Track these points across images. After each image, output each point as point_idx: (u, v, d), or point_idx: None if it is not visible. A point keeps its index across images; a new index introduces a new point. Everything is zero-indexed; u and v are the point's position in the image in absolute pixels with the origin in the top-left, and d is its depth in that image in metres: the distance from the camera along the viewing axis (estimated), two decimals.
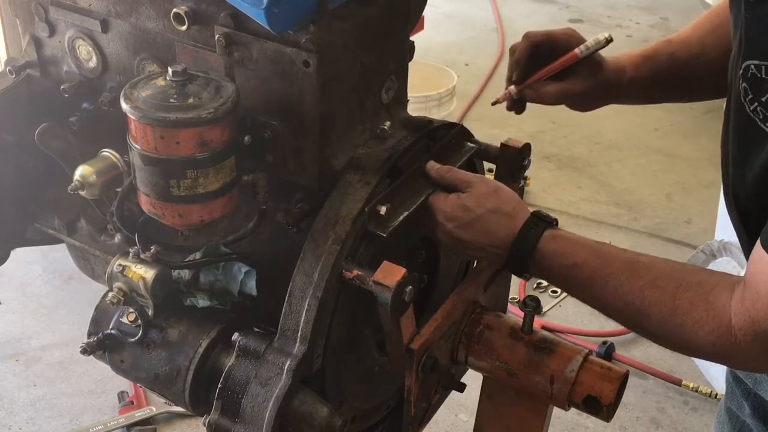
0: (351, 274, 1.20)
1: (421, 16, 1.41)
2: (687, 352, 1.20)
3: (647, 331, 1.18)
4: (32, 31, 1.48)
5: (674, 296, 1.14)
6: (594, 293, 1.21)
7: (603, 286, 1.19)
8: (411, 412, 1.31)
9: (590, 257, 1.21)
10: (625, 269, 1.19)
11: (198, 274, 1.30)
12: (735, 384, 1.53)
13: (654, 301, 1.15)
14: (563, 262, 1.22)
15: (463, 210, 1.27)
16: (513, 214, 1.25)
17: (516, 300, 3.14)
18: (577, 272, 1.21)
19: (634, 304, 1.16)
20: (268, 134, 1.26)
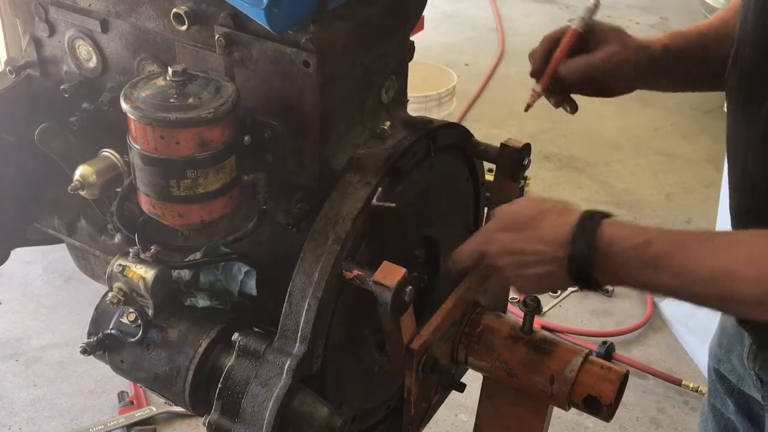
0: (351, 274, 1.20)
1: (421, 16, 1.41)
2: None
3: (740, 295, 1.07)
4: (32, 31, 1.48)
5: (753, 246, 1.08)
6: (674, 267, 1.10)
7: (684, 255, 1.10)
8: (411, 412, 1.31)
9: (661, 233, 1.14)
10: (703, 237, 1.13)
11: (198, 274, 1.30)
12: (719, 381, 1.53)
13: (747, 255, 1.07)
14: (633, 241, 1.13)
15: (512, 216, 1.22)
16: (565, 212, 1.19)
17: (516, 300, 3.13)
18: (651, 249, 1.12)
19: (722, 267, 1.08)
20: (268, 134, 1.26)
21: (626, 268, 1.13)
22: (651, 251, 1.11)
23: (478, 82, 4.97)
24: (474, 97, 4.82)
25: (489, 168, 1.50)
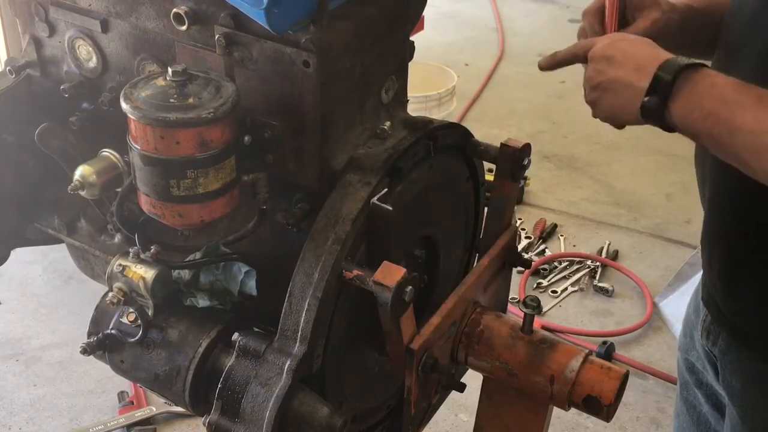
0: (351, 274, 1.20)
1: (421, 16, 1.41)
2: None
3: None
4: (32, 31, 1.48)
5: None
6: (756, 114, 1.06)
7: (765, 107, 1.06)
8: (411, 412, 1.31)
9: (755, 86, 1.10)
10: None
11: (198, 274, 1.30)
12: (688, 373, 1.54)
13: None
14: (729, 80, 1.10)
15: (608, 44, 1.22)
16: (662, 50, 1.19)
17: (516, 300, 3.14)
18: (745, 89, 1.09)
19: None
20: (268, 134, 1.26)
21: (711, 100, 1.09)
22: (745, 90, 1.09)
23: (478, 82, 4.97)
24: (474, 97, 4.82)
25: (489, 168, 1.50)
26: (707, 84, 1.11)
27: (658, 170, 4.21)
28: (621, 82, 1.17)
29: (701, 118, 1.10)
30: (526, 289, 3.38)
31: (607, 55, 1.20)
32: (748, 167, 1.08)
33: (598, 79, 1.21)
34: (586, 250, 3.64)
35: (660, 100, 1.12)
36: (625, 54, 1.19)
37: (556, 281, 3.47)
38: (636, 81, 1.15)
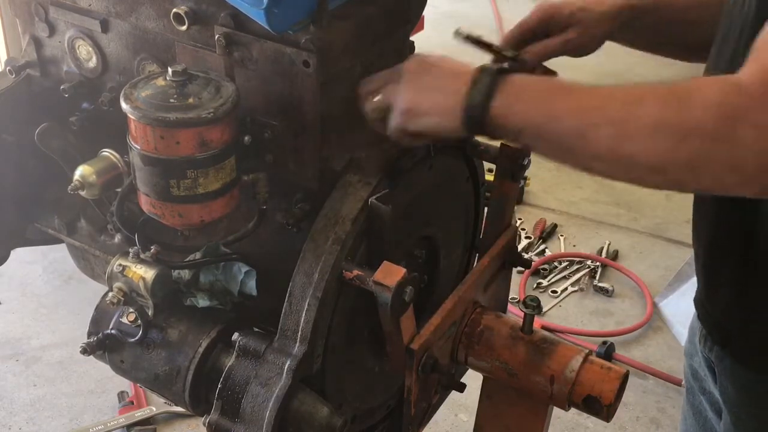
0: (351, 274, 1.20)
1: (421, 16, 1.41)
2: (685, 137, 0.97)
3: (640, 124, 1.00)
4: (32, 31, 1.48)
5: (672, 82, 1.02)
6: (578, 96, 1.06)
7: (587, 91, 1.06)
8: (411, 412, 1.31)
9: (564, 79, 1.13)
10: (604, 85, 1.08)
11: (198, 274, 1.30)
12: (693, 379, 1.54)
13: (649, 88, 1.02)
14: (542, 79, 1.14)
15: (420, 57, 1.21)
16: None
17: (516, 300, 3.14)
18: (554, 84, 1.11)
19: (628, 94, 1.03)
20: (268, 134, 1.26)
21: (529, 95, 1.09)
22: (559, 83, 1.11)
23: None
24: None
25: (489, 168, 1.50)
26: (522, 82, 1.11)
27: None
28: (443, 87, 1.15)
29: (522, 112, 1.09)
30: (526, 289, 3.38)
31: (424, 66, 1.19)
32: (573, 153, 1.06)
33: (417, 86, 1.18)
34: (586, 250, 3.65)
35: (482, 99, 1.11)
36: (441, 64, 1.18)
37: (556, 281, 3.47)
38: (458, 85, 1.13)
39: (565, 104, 1.05)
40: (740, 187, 0.99)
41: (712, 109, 0.95)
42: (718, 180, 0.99)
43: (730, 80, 0.97)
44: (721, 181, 0.98)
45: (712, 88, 0.97)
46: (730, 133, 0.94)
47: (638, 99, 1.01)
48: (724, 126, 0.94)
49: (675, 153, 0.97)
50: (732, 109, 0.94)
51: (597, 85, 1.07)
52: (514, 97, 1.09)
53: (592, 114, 1.03)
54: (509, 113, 1.09)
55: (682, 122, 0.96)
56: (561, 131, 1.05)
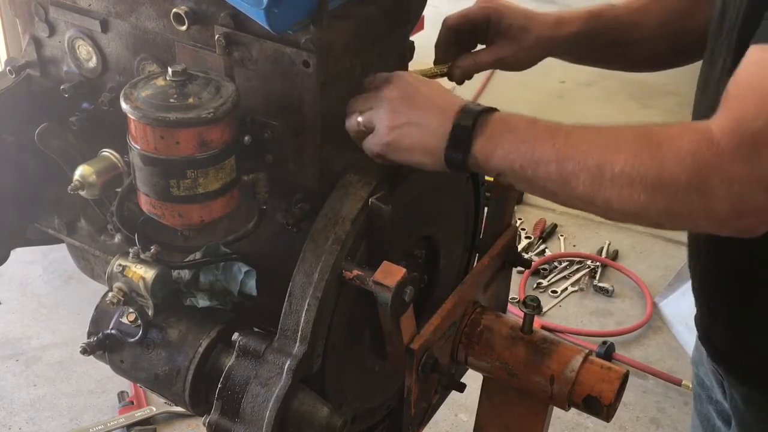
0: (351, 274, 1.20)
1: (421, 16, 1.41)
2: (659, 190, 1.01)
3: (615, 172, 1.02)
4: (32, 31, 1.48)
5: (647, 126, 1.06)
6: (557, 143, 1.07)
7: (568, 132, 1.08)
8: (411, 412, 1.31)
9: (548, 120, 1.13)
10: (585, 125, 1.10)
11: (198, 274, 1.30)
12: (700, 388, 1.54)
13: (626, 133, 1.05)
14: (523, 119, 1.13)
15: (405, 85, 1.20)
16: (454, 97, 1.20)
17: (516, 300, 3.14)
18: (539, 125, 1.11)
19: (604, 140, 1.05)
20: (268, 134, 1.26)
21: (509, 138, 1.11)
22: (539, 126, 1.11)
23: (478, 82, 4.97)
24: (474, 97, 4.82)
25: None
26: (503, 124, 1.13)
27: None
28: (425, 125, 1.16)
29: (503, 156, 1.11)
30: (526, 289, 3.38)
31: (407, 95, 1.19)
32: (556, 197, 1.10)
33: (399, 120, 1.18)
34: (586, 250, 3.65)
35: (463, 143, 1.13)
36: (425, 97, 1.18)
37: (556, 281, 3.47)
38: (440, 125, 1.15)
39: (546, 150, 1.08)
40: (716, 230, 1.03)
41: (686, 161, 0.98)
42: (693, 224, 1.07)
43: (703, 131, 0.99)
44: (696, 225, 1.05)
45: (685, 139, 0.99)
46: (703, 185, 0.98)
47: (615, 148, 1.03)
48: (697, 178, 0.98)
49: (650, 203, 1.01)
50: (704, 163, 0.97)
51: (575, 126, 1.09)
52: (496, 140, 1.12)
53: (571, 161, 1.05)
54: (490, 157, 1.12)
55: (656, 175, 1.00)
56: (542, 177, 1.09)
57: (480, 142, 1.12)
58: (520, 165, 1.09)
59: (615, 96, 4.84)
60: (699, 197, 0.99)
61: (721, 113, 0.99)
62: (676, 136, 1.00)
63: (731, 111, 0.98)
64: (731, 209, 0.98)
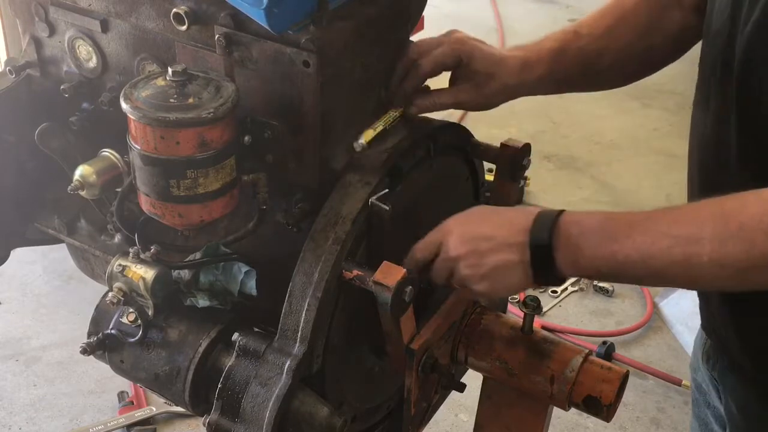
0: (351, 274, 1.20)
1: (421, 16, 1.41)
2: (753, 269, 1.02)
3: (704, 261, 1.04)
4: (32, 31, 1.48)
5: (721, 206, 1.04)
6: (636, 242, 1.07)
7: (644, 228, 1.08)
8: (411, 412, 1.31)
9: (617, 212, 1.13)
10: (660, 209, 1.11)
11: (198, 274, 1.30)
12: (698, 392, 1.53)
13: (702, 218, 1.05)
14: (595, 218, 1.12)
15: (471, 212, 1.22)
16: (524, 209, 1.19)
17: (516, 300, 3.14)
18: (613, 223, 1.10)
19: (684, 232, 1.05)
20: (268, 134, 1.26)
21: (588, 245, 1.11)
22: (613, 225, 1.11)
23: None
24: None
25: (489, 168, 1.50)
26: (577, 231, 1.12)
27: (658, 170, 4.21)
28: (504, 266, 1.16)
29: (587, 265, 1.12)
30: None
31: (471, 249, 1.18)
32: (658, 285, 1.15)
33: (480, 271, 1.17)
34: None
35: (548, 264, 1.13)
36: (486, 237, 1.17)
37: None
38: (517, 257, 1.14)
39: (628, 252, 1.08)
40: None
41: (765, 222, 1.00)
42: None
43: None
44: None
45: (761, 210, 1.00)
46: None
47: (697, 238, 1.04)
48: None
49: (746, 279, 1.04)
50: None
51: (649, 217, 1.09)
52: (574, 254, 1.11)
53: (657, 260, 1.06)
54: (575, 267, 1.12)
55: (747, 257, 1.01)
56: (630, 275, 1.11)
57: (561, 259, 1.12)
58: (608, 269, 1.10)
59: (615, 95, 4.83)
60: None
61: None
62: (756, 214, 1.01)
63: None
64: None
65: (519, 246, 1.14)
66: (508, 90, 1.40)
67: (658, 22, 1.42)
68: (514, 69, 1.39)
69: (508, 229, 1.16)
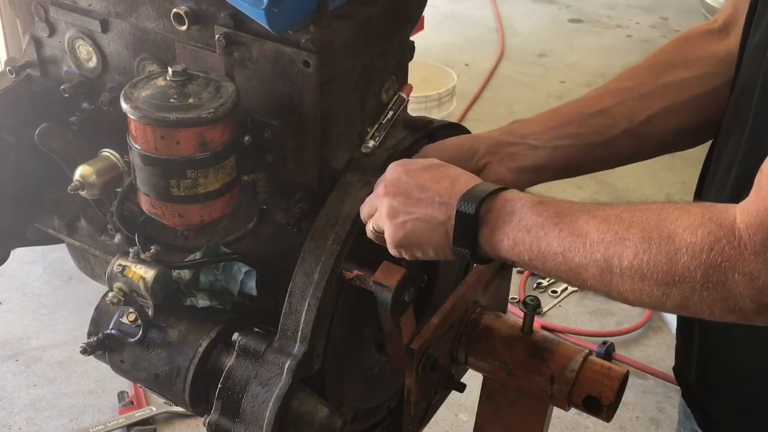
0: (351, 274, 1.20)
1: (421, 16, 1.41)
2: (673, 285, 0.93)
3: (624, 266, 0.95)
4: (32, 31, 1.48)
5: (659, 212, 0.95)
6: (562, 232, 1.01)
7: (573, 220, 1.01)
8: (411, 412, 1.31)
9: (559, 199, 1.07)
10: (600, 204, 1.04)
11: (198, 274, 1.30)
12: (685, 418, 1.52)
13: (635, 220, 0.96)
14: (530, 201, 1.06)
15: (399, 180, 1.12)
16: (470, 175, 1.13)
17: (516, 300, 3.14)
18: (543, 209, 1.04)
19: (611, 231, 0.97)
20: (268, 134, 1.26)
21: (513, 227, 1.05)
22: (543, 210, 1.04)
23: (478, 82, 4.98)
24: (474, 97, 4.82)
25: None
26: (507, 212, 1.06)
27: (658, 170, 4.21)
28: (428, 219, 1.10)
29: (510, 247, 1.05)
30: (526, 289, 3.38)
31: (402, 192, 1.12)
32: (568, 282, 1.05)
33: (401, 218, 1.11)
34: None
35: (468, 236, 1.07)
36: (423, 187, 1.11)
37: (556, 281, 3.47)
38: (443, 217, 1.08)
39: (551, 242, 1.02)
40: (743, 321, 0.93)
41: (701, 257, 0.90)
42: (716, 317, 0.95)
43: (723, 223, 0.90)
44: (720, 317, 0.94)
45: (700, 232, 0.91)
46: (721, 281, 0.89)
47: (622, 239, 0.96)
48: (715, 275, 0.90)
49: (665, 297, 0.94)
50: (723, 258, 0.89)
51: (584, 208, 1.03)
52: (500, 230, 1.05)
53: (577, 254, 0.99)
54: (497, 248, 1.07)
55: (668, 270, 0.92)
56: (551, 268, 1.03)
57: (485, 234, 1.06)
58: (529, 257, 1.04)
59: None
60: (718, 293, 0.90)
61: (751, 200, 0.89)
62: (690, 227, 0.91)
63: (762, 200, 0.87)
64: (756, 304, 0.89)
65: (448, 207, 1.08)
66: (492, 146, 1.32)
67: None
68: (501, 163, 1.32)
69: (447, 187, 1.10)
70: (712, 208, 0.93)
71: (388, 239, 1.14)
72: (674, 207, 0.96)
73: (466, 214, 1.06)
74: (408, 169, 1.14)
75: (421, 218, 1.10)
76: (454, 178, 1.12)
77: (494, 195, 1.07)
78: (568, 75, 5.10)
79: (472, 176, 1.14)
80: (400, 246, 1.14)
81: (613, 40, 5.64)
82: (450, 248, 1.10)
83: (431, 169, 1.14)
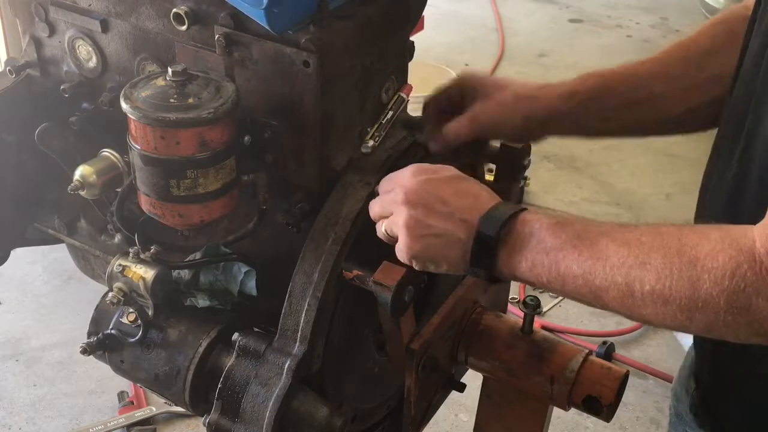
0: (351, 274, 1.20)
1: (421, 16, 1.41)
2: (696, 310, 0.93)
3: (645, 290, 0.96)
4: (32, 31, 1.48)
5: (680, 236, 0.95)
6: (582, 255, 1.01)
7: (593, 242, 1.01)
8: (411, 412, 1.31)
9: (577, 219, 1.07)
10: (618, 226, 1.03)
11: (198, 274, 1.30)
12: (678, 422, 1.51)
13: (655, 245, 0.96)
14: (547, 222, 1.05)
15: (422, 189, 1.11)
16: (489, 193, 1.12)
17: (516, 300, 3.14)
18: (562, 232, 1.03)
19: (632, 255, 0.97)
20: (268, 134, 1.26)
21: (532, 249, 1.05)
22: (562, 232, 1.04)
23: None
24: None
25: (489, 168, 1.50)
26: (526, 233, 1.05)
27: (658, 170, 4.21)
28: (447, 236, 1.09)
29: (528, 269, 1.05)
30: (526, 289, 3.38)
31: (423, 203, 1.10)
32: (592, 305, 1.05)
33: (420, 231, 1.10)
34: None
35: (486, 257, 1.07)
36: (445, 202, 1.10)
37: None
38: (463, 235, 1.08)
39: (570, 264, 1.01)
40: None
41: (723, 283, 0.90)
42: (741, 340, 0.95)
43: (742, 246, 0.91)
44: (746, 340, 0.95)
45: (721, 258, 0.91)
46: (746, 306, 0.90)
47: (643, 263, 0.96)
48: (738, 300, 0.90)
49: (689, 321, 0.95)
50: (746, 283, 0.89)
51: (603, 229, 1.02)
52: (519, 252, 1.05)
53: (598, 277, 0.99)
54: (516, 270, 1.07)
55: (691, 296, 0.93)
56: (571, 291, 1.04)
57: (503, 256, 1.06)
58: (547, 279, 1.03)
59: None
60: (743, 317, 0.91)
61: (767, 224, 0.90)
62: (711, 253, 0.92)
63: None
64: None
65: (469, 226, 1.08)
66: (521, 101, 1.32)
67: None
68: (528, 83, 1.34)
69: (470, 203, 1.10)
70: (731, 231, 0.93)
71: (403, 249, 1.13)
72: (693, 231, 0.96)
73: (487, 236, 1.06)
74: (430, 179, 1.13)
75: (441, 234, 1.10)
76: (476, 194, 1.12)
77: (514, 216, 1.07)
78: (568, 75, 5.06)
79: (491, 193, 1.13)
80: (414, 258, 1.13)
81: (613, 40, 5.65)
82: (465, 266, 1.10)
83: (453, 182, 1.14)
